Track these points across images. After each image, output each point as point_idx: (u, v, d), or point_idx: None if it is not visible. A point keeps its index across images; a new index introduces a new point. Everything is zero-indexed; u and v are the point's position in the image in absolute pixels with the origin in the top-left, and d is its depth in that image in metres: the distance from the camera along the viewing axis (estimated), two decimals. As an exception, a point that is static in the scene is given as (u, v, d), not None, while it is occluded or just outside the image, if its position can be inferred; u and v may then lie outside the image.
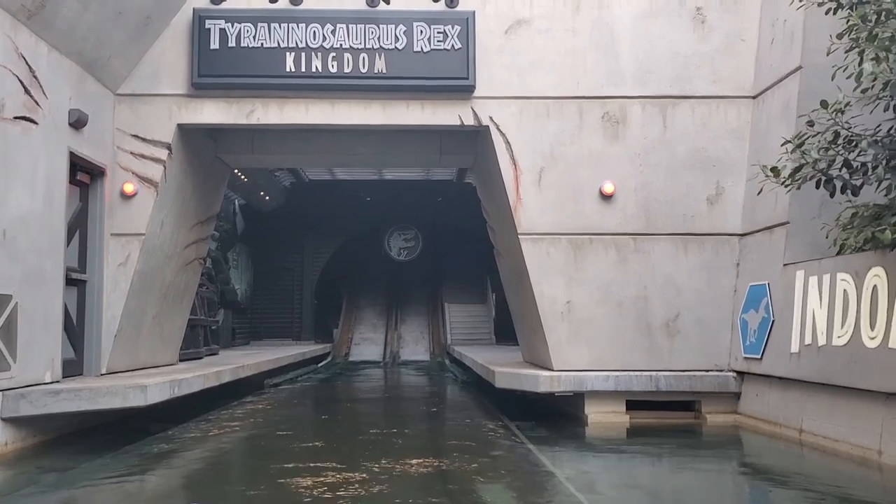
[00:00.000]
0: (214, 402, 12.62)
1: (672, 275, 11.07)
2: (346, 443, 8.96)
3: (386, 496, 6.36)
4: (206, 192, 13.01)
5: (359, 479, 6.89)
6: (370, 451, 8.37)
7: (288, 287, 28.58)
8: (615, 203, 11.09)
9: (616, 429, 10.59)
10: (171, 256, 12.01)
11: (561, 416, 11.24)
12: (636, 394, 10.81)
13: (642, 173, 11.12)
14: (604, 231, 11.08)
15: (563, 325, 10.99)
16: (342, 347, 28.17)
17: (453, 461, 8.00)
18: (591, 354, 10.96)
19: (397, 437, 9.48)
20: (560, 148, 11.11)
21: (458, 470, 7.59)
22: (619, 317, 11.02)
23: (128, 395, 9.04)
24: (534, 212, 11.06)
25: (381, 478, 7.04)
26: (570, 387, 10.68)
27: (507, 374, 11.36)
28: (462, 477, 7.27)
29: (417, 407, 13.60)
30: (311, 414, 12.61)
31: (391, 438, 9.40)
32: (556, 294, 11.02)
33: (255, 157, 13.28)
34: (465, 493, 6.64)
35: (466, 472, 7.49)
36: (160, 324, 12.25)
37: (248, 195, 23.96)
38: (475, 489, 6.78)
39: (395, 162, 15.23)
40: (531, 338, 12.06)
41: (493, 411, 12.03)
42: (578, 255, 11.06)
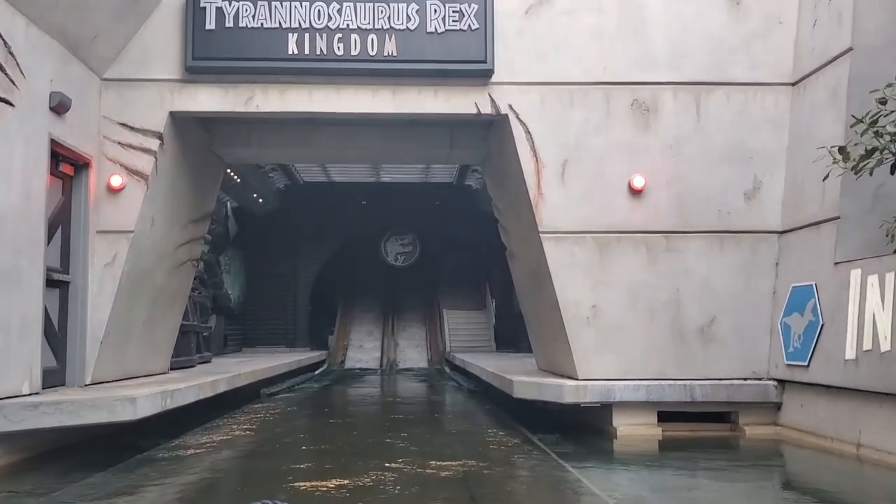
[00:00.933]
0: (208, 413, 11.71)
1: (707, 276, 10.23)
2: (358, 462, 8.06)
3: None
4: (200, 187, 12.10)
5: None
6: (387, 473, 7.48)
7: (282, 293, 27.69)
8: (645, 198, 10.24)
9: (647, 442, 9.74)
10: (162, 257, 11.10)
11: (585, 429, 10.36)
12: (669, 404, 9.96)
13: (675, 166, 10.28)
14: (633, 229, 10.23)
15: (588, 332, 10.12)
16: (338, 355, 27.30)
17: (483, 483, 7.15)
18: (620, 363, 10.09)
19: (414, 454, 8.57)
20: (585, 138, 10.26)
21: (491, 494, 6.72)
22: (650, 322, 10.17)
23: (115, 408, 8.13)
24: (556, 208, 10.20)
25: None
26: (598, 397, 9.81)
27: (528, 383, 10.49)
28: (498, 500, 6.40)
29: (427, 419, 12.69)
30: (312, 427, 11.69)
31: (407, 455, 8.49)
32: (580, 298, 10.16)
33: (252, 151, 12.39)
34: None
35: (500, 494, 6.63)
36: (150, 329, 11.34)
37: (241, 197, 23.05)
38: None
39: (401, 157, 14.32)
40: (551, 345, 11.19)
41: (511, 423, 11.14)
42: (605, 255, 10.20)
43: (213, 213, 21.99)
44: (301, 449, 8.98)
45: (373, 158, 13.98)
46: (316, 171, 23.66)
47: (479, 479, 7.36)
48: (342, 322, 29.31)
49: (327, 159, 14.57)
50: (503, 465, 8.33)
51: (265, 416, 12.21)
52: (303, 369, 21.19)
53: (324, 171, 23.55)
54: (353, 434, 10.37)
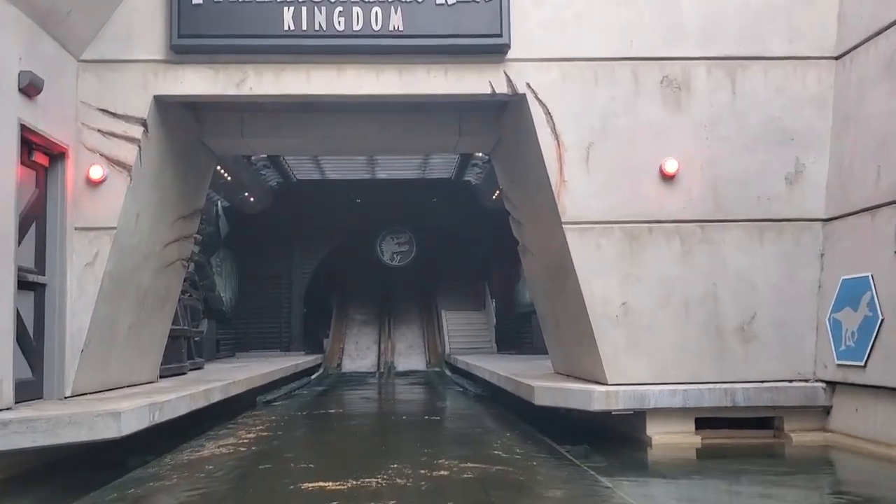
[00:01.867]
0: (201, 424, 10.79)
1: (746, 269, 9.35)
2: (372, 478, 7.14)
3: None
4: (189, 181, 11.16)
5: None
6: (405, 496, 6.57)
7: (275, 295, 26.73)
8: (678, 184, 9.36)
9: (685, 451, 8.89)
10: (148, 256, 10.16)
11: (616, 438, 9.47)
12: (707, 410, 9.09)
13: (709, 148, 9.40)
14: (665, 218, 9.35)
15: (618, 332, 9.23)
16: (333, 358, 26.40)
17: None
18: (653, 365, 9.21)
19: (432, 469, 7.65)
20: (611, 119, 9.37)
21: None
22: (685, 320, 9.29)
23: (96, 424, 7.20)
24: (581, 196, 9.30)
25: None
26: (630, 404, 8.92)
27: (551, 389, 9.58)
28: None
29: (438, 428, 11.74)
30: (317, 437, 10.73)
31: (426, 470, 7.57)
32: (609, 294, 9.26)
33: (244, 141, 11.44)
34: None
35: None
36: (137, 335, 10.39)
37: (232, 196, 22.08)
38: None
39: (406, 147, 13.29)
40: (573, 347, 10.28)
41: (530, 432, 10.22)
42: (635, 247, 9.32)
43: (203, 211, 21.23)
44: (303, 467, 8.07)
45: (374, 149, 12.97)
46: (309, 167, 22.74)
47: (509, 499, 6.48)
48: (337, 324, 28.41)
49: (325, 150, 13.62)
50: (533, 482, 7.44)
51: (263, 427, 11.27)
52: (299, 374, 20.25)
53: (317, 167, 22.62)
54: (359, 448, 9.44)
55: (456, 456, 8.41)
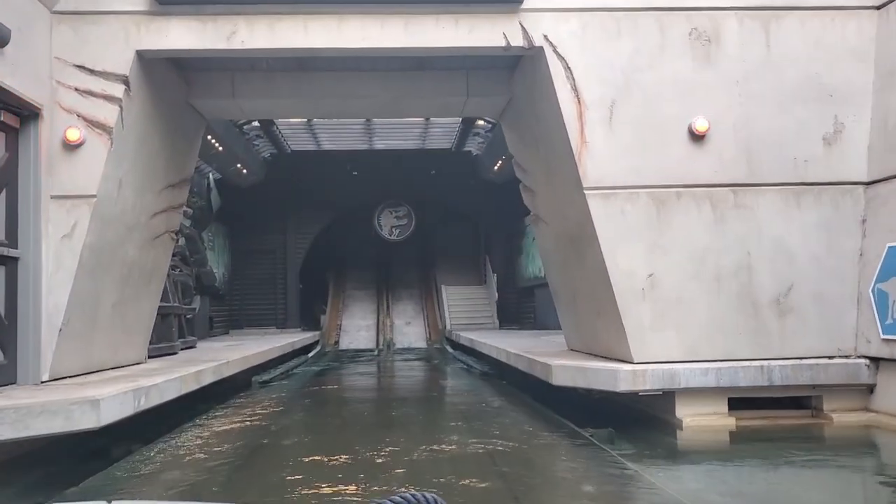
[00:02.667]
0: (192, 408, 10.10)
1: (782, 237, 8.62)
2: (377, 473, 6.41)
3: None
4: (177, 147, 10.37)
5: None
6: (423, 481, 5.85)
7: (270, 270, 26.00)
8: (709, 145, 8.60)
9: (718, 434, 8.23)
10: (133, 227, 9.39)
11: (642, 420, 8.78)
12: (742, 390, 8.38)
13: (742, 106, 8.64)
14: (695, 182, 8.60)
15: (644, 306, 8.50)
16: (331, 335, 25.67)
17: (538, 497, 5.55)
18: (682, 342, 8.49)
19: (448, 461, 6.92)
20: (636, 75, 8.60)
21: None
22: (717, 293, 8.56)
23: (72, 413, 6.46)
24: (604, 158, 8.54)
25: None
26: (659, 384, 8.21)
27: (571, 368, 8.86)
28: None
29: (448, 411, 10.99)
30: (319, 422, 9.97)
31: (440, 464, 6.84)
32: (634, 265, 8.53)
33: (236, 103, 10.64)
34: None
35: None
36: (122, 313, 9.65)
37: (224, 168, 21.23)
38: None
39: (409, 109, 12.33)
40: (593, 322, 9.56)
41: (547, 414, 9.51)
42: (663, 214, 8.57)
43: (193, 181, 20.41)
44: (304, 462, 7.35)
45: (376, 110, 12.04)
46: (304, 137, 21.91)
47: (532, 489, 5.79)
48: (334, 300, 27.67)
49: (323, 113, 12.66)
50: (559, 472, 6.76)
51: (259, 410, 10.55)
52: (296, 352, 19.54)
53: (312, 137, 21.81)
54: (365, 434, 8.70)
55: (470, 441, 7.69)
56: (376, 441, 7.72)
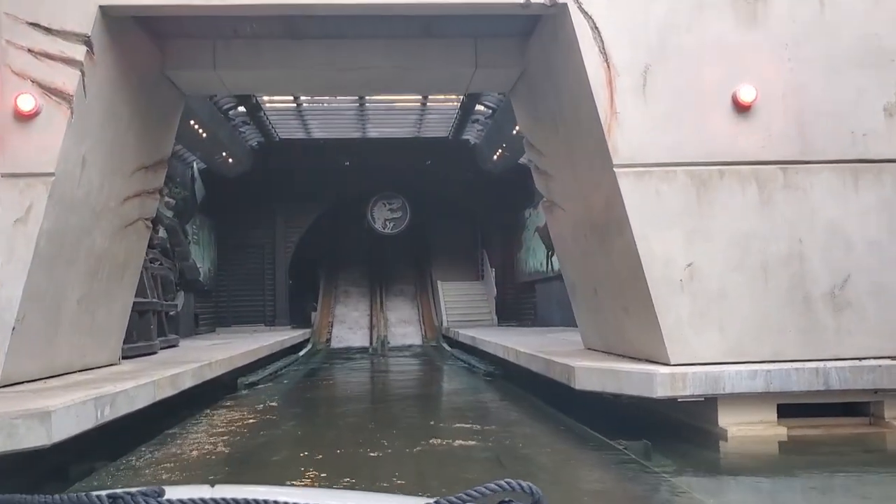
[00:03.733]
0: (170, 415, 9.05)
1: (838, 221, 7.58)
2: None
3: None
4: (151, 124, 9.28)
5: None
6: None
7: (258, 265, 24.94)
8: (755, 117, 7.56)
9: (767, 446, 7.21)
10: (101, 213, 8.31)
11: (678, 430, 7.72)
12: (793, 395, 7.34)
13: (791, 73, 7.60)
14: (740, 159, 7.56)
15: (682, 300, 7.46)
16: (322, 333, 24.61)
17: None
18: (726, 341, 7.45)
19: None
20: (673, 36, 7.56)
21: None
22: (764, 285, 7.52)
23: (16, 430, 5.40)
24: (637, 132, 7.49)
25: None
26: (702, 388, 7.16)
27: (598, 371, 7.81)
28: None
29: (453, 419, 9.85)
30: (310, 434, 8.84)
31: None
32: (671, 253, 7.48)
33: (217, 75, 9.55)
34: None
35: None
36: (90, 310, 8.58)
37: (209, 157, 20.16)
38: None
39: (412, 82, 10.91)
40: (619, 319, 8.51)
41: (568, 422, 8.46)
42: (703, 196, 7.53)
43: (175, 169, 19.26)
44: (298, 468, 6.27)
45: (374, 84, 10.78)
46: (293, 124, 20.87)
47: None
48: (326, 296, 26.60)
49: (315, 87, 11.30)
50: (592, 490, 5.74)
51: (244, 418, 9.49)
52: (285, 351, 18.45)
53: (302, 124, 20.77)
54: (365, 451, 7.61)
55: (487, 460, 6.64)
56: (378, 462, 6.66)
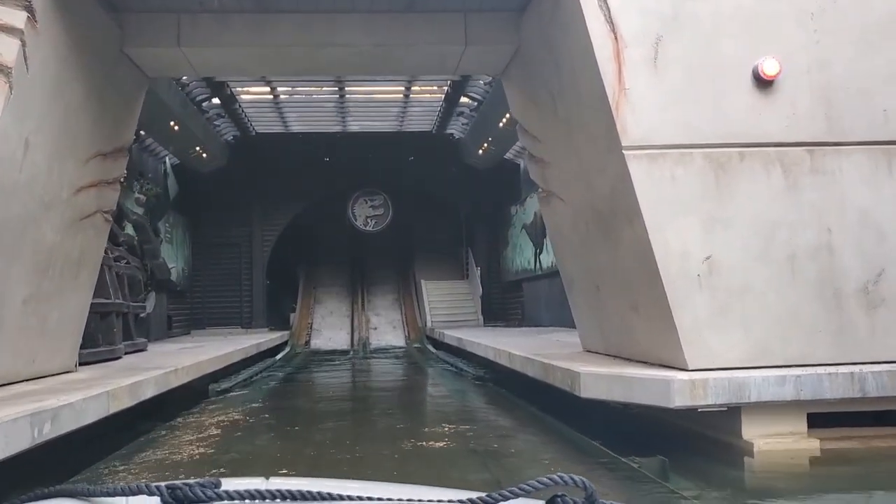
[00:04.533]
0: (135, 425, 8.27)
1: (870, 209, 6.85)
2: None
3: None
4: (109, 106, 8.42)
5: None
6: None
7: (234, 265, 23.96)
8: (779, 93, 6.80)
9: (799, 461, 6.41)
10: (49, 203, 7.44)
11: (695, 443, 6.94)
12: (826, 403, 6.57)
13: (818, 44, 6.85)
14: (762, 139, 6.80)
15: (701, 297, 6.68)
16: (301, 335, 23.75)
17: None
18: (749, 342, 6.69)
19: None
20: (687, 4, 6.79)
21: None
22: (791, 279, 6.77)
23: (-71, 454, 4.53)
24: (648, 110, 6.72)
25: None
26: (725, 397, 6.37)
27: (606, 377, 7.01)
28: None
29: (445, 427, 8.98)
30: (285, 449, 7.96)
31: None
32: (687, 246, 6.71)
33: (182, 54, 8.70)
34: None
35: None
36: (40, 311, 7.71)
37: (182, 151, 19.24)
38: None
39: (396, 62, 9.59)
40: (628, 318, 7.72)
41: (571, 435, 7.67)
42: (722, 180, 6.76)
43: (146, 174, 18.40)
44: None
45: (355, 64, 9.70)
46: (270, 117, 19.99)
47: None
48: (305, 297, 25.71)
49: (289, 67, 10.19)
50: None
51: (214, 431, 8.64)
52: (262, 354, 17.57)
53: (280, 117, 19.90)
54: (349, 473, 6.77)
55: (488, 480, 5.84)
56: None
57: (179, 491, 1.37)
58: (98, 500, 1.44)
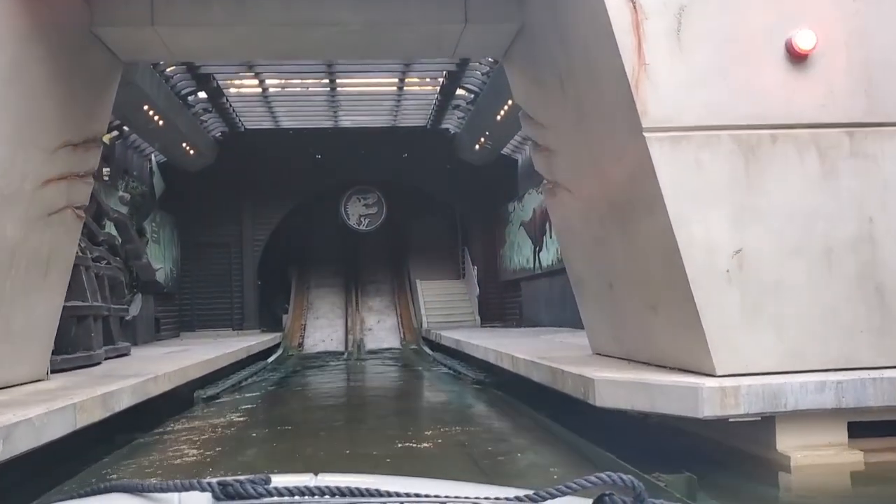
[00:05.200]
0: (112, 437, 7.65)
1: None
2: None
3: None
4: (78, 92, 7.75)
5: None
6: None
7: (224, 265, 23.31)
8: (814, 69, 6.16)
9: (841, 476, 5.80)
10: (12, 197, 6.78)
11: (723, 456, 6.29)
12: (869, 412, 5.93)
13: (857, 15, 6.23)
14: (796, 120, 6.17)
15: (731, 294, 6.04)
16: (294, 337, 23.09)
17: None
18: (784, 343, 6.05)
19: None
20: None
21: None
22: (828, 274, 6.13)
23: None
24: (671, 88, 6.08)
25: None
26: (759, 406, 5.73)
27: (625, 384, 6.35)
28: None
29: (446, 436, 8.33)
30: (273, 466, 7.31)
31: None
32: (715, 238, 6.07)
33: (157, 34, 8.02)
34: None
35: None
36: (2, 314, 7.03)
37: (168, 148, 18.57)
38: None
39: (389, 42, 9.22)
40: (646, 318, 7.07)
41: (584, 446, 7.00)
42: (753, 166, 6.12)
43: (131, 172, 17.72)
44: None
45: (343, 46, 8.76)
46: (259, 112, 19.36)
47: None
48: (298, 298, 25.03)
49: (273, 50, 9.09)
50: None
51: (196, 443, 7.98)
52: (255, 357, 16.89)
53: (269, 112, 19.28)
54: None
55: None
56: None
57: (230, 487, 1.41)
58: (151, 495, 1.49)
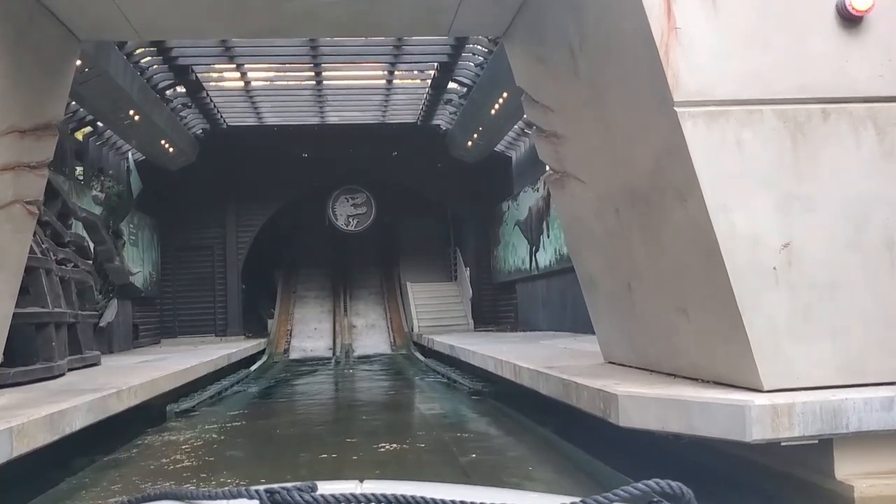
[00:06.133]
0: (69, 462, 6.77)
1: None
2: None
3: None
4: (27, 74, 6.86)
5: None
6: None
7: (207, 268, 22.36)
8: (870, 34, 5.33)
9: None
10: (-54, 190, 5.87)
11: (767, 483, 5.44)
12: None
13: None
14: (850, 93, 5.34)
15: (778, 296, 5.19)
16: (280, 343, 22.21)
17: None
18: (841, 353, 5.21)
19: None
20: (754, -81, 5.30)
21: None
22: (889, 270, 5.28)
23: None
24: (707, 56, 5.23)
25: None
26: (816, 427, 4.86)
27: (655, 402, 5.47)
28: None
29: (443, 460, 7.48)
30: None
31: None
32: (760, 230, 5.22)
33: (118, 8, 7.10)
34: None
35: None
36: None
37: (146, 146, 17.63)
38: None
39: (381, 21, 8.31)
40: (673, 323, 6.20)
41: (601, 470, 6.16)
42: (802, 146, 5.27)
43: (107, 171, 16.77)
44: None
45: (330, 24, 7.70)
46: (242, 108, 18.46)
47: None
48: (284, 302, 24.14)
49: (252, 28, 7.79)
50: None
51: (163, 467, 7.09)
52: (235, 365, 15.95)
53: (252, 108, 18.39)
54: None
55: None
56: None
57: (277, 495, 1.40)
58: (200, 502, 1.49)
